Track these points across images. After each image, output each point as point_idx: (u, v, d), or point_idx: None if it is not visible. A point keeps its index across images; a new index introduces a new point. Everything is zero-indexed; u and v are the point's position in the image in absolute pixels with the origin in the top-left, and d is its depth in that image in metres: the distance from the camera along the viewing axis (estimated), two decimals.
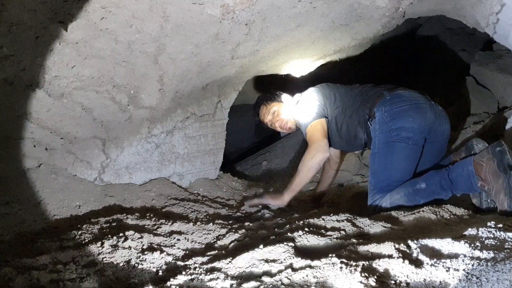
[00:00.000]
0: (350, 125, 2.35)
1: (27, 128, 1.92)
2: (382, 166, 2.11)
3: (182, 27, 1.97)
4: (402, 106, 2.15)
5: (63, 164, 2.16)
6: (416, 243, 1.27)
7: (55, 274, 1.17)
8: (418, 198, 1.97)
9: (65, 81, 1.88)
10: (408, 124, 2.10)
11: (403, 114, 2.13)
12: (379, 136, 2.17)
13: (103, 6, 1.67)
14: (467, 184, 1.94)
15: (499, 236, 1.28)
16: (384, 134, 2.15)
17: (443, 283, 1.03)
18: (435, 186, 1.97)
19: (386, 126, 2.15)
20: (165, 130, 2.56)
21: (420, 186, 1.98)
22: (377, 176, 2.12)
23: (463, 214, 1.79)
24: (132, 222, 1.87)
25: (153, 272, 1.35)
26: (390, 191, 2.04)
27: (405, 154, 2.10)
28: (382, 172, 2.11)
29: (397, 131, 2.11)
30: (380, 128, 2.17)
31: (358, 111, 2.31)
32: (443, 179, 1.97)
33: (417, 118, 2.11)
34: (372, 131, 2.23)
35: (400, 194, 2.01)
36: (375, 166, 2.14)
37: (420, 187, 1.98)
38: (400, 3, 2.31)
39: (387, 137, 2.13)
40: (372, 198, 2.08)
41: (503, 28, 2.06)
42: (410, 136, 2.09)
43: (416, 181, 2.01)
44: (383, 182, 2.08)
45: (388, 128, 2.14)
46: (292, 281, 1.13)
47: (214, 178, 2.91)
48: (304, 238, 1.61)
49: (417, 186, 1.99)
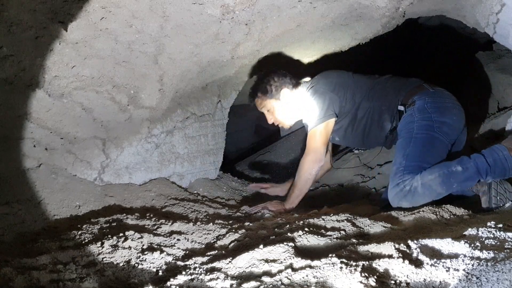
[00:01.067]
0: (376, 113, 2.26)
1: (27, 128, 1.92)
2: (418, 151, 2.03)
3: (182, 27, 1.97)
4: (446, 103, 2.15)
5: (63, 164, 2.16)
6: (416, 243, 1.27)
7: (55, 274, 1.17)
8: (452, 181, 1.90)
9: (65, 81, 1.88)
10: (451, 121, 2.09)
11: (448, 110, 2.12)
12: (419, 122, 2.10)
13: (103, 6, 1.67)
14: (505, 166, 1.92)
15: (499, 236, 1.28)
16: (426, 122, 2.09)
17: (443, 283, 1.03)
18: (472, 170, 1.91)
19: (428, 115, 2.10)
20: (165, 130, 2.56)
21: (456, 168, 1.90)
22: (410, 159, 2.01)
23: (463, 214, 1.79)
24: (132, 222, 1.87)
25: (153, 272, 1.35)
26: (416, 173, 1.95)
27: (442, 149, 2.06)
28: (418, 156, 2.02)
29: (440, 124, 2.07)
30: (421, 115, 2.11)
31: (389, 98, 2.23)
32: (480, 163, 1.91)
33: (458, 118, 2.13)
34: (406, 118, 2.15)
35: (434, 175, 1.91)
36: (410, 149, 2.05)
37: (457, 169, 1.90)
38: (400, 3, 2.31)
39: (429, 126, 2.07)
40: (401, 178, 1.97)
41: (503, 28, 2.06)
42: (449, 133, 2.08)
43: (450, 163, 1.93)
44: (416, 165, 1.98)
45: (431, 118, 2.09)
46: (292, 281, 1.13)
47: (214, 178, 2.91)
48: (304, 238, 1.61)
49: (453, 168, 1.91)
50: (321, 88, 2.31)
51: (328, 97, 2.28)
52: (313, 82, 2.37)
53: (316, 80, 2.37)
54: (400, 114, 2.22)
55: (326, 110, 2.27)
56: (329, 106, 2.27)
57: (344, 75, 2.36)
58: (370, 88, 2.29)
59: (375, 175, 2.98)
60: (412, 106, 2.15)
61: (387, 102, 2.24)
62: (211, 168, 2.89)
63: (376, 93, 2.27)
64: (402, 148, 2.09)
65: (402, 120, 2.18)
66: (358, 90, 2.30)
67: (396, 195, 1.97)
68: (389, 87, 2.27)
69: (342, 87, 2.31)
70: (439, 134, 2.05)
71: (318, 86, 2.33)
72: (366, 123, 2.30)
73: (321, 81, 2.35)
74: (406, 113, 2.17)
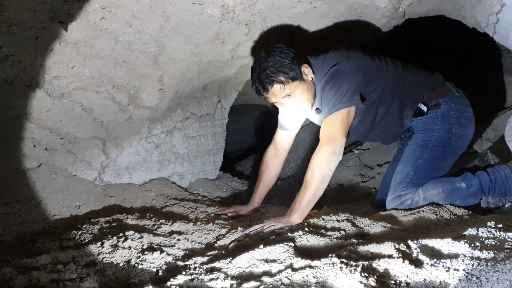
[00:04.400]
0: (398, 107, 2.02)
1: (27, 128, 1.92)
2: (429, 165, 1.95)
3: (182, 27, 1.97)
4: (468, 112, 2.05)
5: (63, 164, 2.16)
6: (416, 243, 1.27)
7: (55, 274, 1.17)
8: (455, 197, 1.88)
9: (65, 81, 1.88)
10: (469, 135, 2.03)
11: (468, 122, 2.03)
12: (439, 131, 1.98)
13: (103, 6, 1.67)
14: (505, 185, 1.92)
15: (499, 236, 1.28)
16: (446, 134, 1.98)
17: (443, 283, 1.03)
18: (476, 187, 1.90)
19: (450, 125, 1.98)
20: (165, 130, 2.56)
21: (460, 184, 1.89)
22: (419, 171, 1.93)
23: (463, 214, 1.79)
24: (132, 222, 1.86)
25: (153, 272, 1.35)
26: (418, 186, 1.91)
27: (451, 163, 2.02)
28: (427, 170, 1.95)
29: (458, 137, 1.99)
30: (443, 124, 1.99)
31: (413, 94, 2.03)
32: (483, 180, 1.91)
33: (473, 131, 2.06)
34: (426, 121, 2.00)
35: (437, 190, 1.88)
36: (422, 161, 1.95)
37: (461, 186, 1.89)
38: (400, 3, 2.31)
39: (448, 139, 1.97)
40: (403, 190, 1.92)
41: (503, 28, 2.05)
42: (463, 147, 2.03)
43: (454, 180, 1.91)
44: (422, 179, 1.92)
45: (451, 129, 1.98)
46: (292, 281, 1.13)
47: (214, 178, 2.91)
48: (304, 238, 1.61)
49: (457, 185, 1.89)
50: (348, 68, 1.90)
51: (356, 80, 1.89)
52: (333, 60, 1.94)
53: (338, 58, 1.94)
54: (420, 113, 2.05)
55: (353, 94, 1.86)
56: (356, 90, 1.88)
57: (369, 58, 2.00)
58: (396, 78, 2.01)
59: (375, 175, 2.98)
60: (435, 109, 2.01)
61: (412, 98, 2.03)
62: (211, 168, 2.89)
63: (401, 85, 2.01)
64: (414, 157, 1.97)
65: (422, 122, 2.03)
66: (384, 78, 1.98)
67: (396, 207, 1.92)
68: (414, 81, 2.04)
69: (369, 71, 1.96)
70: (454, 147, 1.99)
71: (343, 66, 1.90)
72: (386, 116, 2.04)
73: (347, 62, 1.92)
74: (428, 115, 2.01)
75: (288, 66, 1.83)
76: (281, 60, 1.84)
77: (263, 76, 1.83)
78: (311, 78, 1.93)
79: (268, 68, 1.83)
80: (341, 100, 1.85)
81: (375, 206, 2.16)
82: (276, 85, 1.83)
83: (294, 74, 1.84)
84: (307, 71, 1.92)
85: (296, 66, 1.85)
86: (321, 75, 1.94)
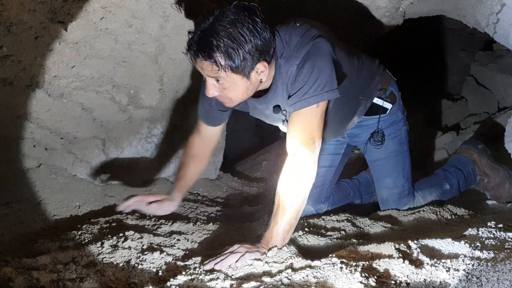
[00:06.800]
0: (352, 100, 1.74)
1: (27, 128, 1.92)
2: (410, 165, 1.98)
3: (182, 27, 1.98)
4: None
5: (63, 164, 2.16)
6: (416, 243, 1.27)
7: (55, 274, 1.17)
8: (444, 198, 2.05)
9: (65, 81, 1.88)
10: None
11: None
12: (404, 129, 1.92)
13: (103, 6, 1.67)
14: (473, 179, 2.13)
15: (499, 236, 1.28)
16: (405, 126, 1.93)
17: (443, 283, 1.03)
18: (455, 187, 2.07)
19: (403, 115, 1.93)
20: (165, 130, 2.56)
21: (446, 187, 2.05)
22: (409, 178, 1.97)
23: (463, 214, 1.79)
24: (132, 222, 1.86)
25: (153, 272, 1.35)
26: (413, 193, 2.00)
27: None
28: (411, 172, 1.99)
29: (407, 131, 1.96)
30: (403, 116, 1.91)
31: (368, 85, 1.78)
32: (461, 179, 2.08)
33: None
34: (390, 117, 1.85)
35: (433, 195, 2.02)
36: (407, 166, 1.95)
37: (447, 188, 2.05)
38: (400, 3, 2.31)
39: (407, 130, 1.95)
40: (406, 203, 1.96)
41: (503, 28, 2.05)
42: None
43: (441, 182, 2.06)
44: (410, 184, 1.99)
45: (405, 119, 1.94)
46: (292, 281, 1.13)
47: (214, 178, 2.91)
48: (304, 238, 1.61)
49: (444, 187, 2.04)
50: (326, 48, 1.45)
51: (330, 67, 1.45)
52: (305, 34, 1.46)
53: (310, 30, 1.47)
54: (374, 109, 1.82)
55: (330, 83, 1.43)
56: (332, 78, 1.45)
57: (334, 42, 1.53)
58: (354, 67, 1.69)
59: None
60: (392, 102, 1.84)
61: (367, 91, 1.78)
62: (211, 168, 2.89)
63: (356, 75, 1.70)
64: (401, 166, 1.93)
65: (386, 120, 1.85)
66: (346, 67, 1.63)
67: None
68: (367, 70, 1.76)
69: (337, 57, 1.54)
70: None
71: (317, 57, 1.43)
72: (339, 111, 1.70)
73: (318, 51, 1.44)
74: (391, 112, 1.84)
75: (240, 53, 1.33)
76: (239, 39, 1.32)
77: (203, 40, 1.33)
78: (261, 80, 1.45)
79: (215, 36, 1.31)
80: (315, 91, 1.42)
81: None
82: (207, 62, 1.34)
83: (241, 67, 1.35)
84: (262, 70, 1.42)
85: (251, 57, 1.35)
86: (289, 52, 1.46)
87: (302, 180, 1.41)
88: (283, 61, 1.47)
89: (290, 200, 1.39)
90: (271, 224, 1.41)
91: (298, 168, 1.41)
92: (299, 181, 1.41)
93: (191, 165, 1.78)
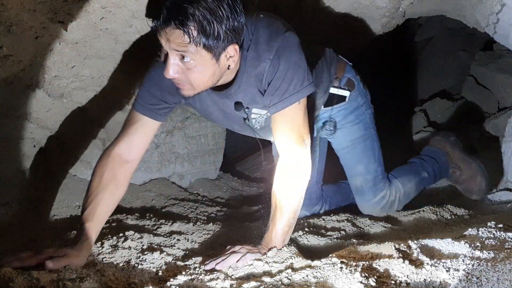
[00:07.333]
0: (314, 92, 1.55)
1: (27, 128, 1.92)
2: (381, 150, 1.90)
3: None
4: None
5: (63, 164, 2.16)
6: (416, 243, 1.27)
7: (55, 274, 1.17)
8: (422, 186, 2.06)
9: (65, 81, 1.88)
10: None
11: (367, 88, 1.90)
12: (368, 112, 1.84)
13: (103, 6, 1.67)
14: (446, 171, 2.16)
15: (499, 236, 1.28)
16: (370, 110, 1.85)
17: (443, 283, 1.03)
18: (432, 175, 2.09)
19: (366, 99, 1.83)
20: (164, 130, 2.56)
21: (424, 174, 2.05)
22: (381, 162, 1.89)
23: (463, 214, 1.79)
24: (132, 222, 1.87)
25: (153, 272, 1.35)
26: (388, 178, 1.95)
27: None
28: (383, 156, 1.90)
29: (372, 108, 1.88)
30: (364, 100, 1.82)
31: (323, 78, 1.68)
32: (436, 169, 2.09)
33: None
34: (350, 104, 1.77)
35: (411, 183, 2.00)
36: (377, 151, 1.87)
37: (425, 176, 2.05)
38: (400, 3, 2.31)
39: (373, 114, 1.87)
40: (383, 189, 1.88)
41: (503, 28, 2.05)
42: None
43: (418, 170, 2.05)
44: (383, 168, 1.92)
45: (369, 103, 1.86)
46: (292, 281, 1.13)
47: (214, 178, 2.91)
48: (304, 238, 1.61)
49: (422, 175, 2.04)
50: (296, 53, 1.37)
51: (304, 61, 1.39)
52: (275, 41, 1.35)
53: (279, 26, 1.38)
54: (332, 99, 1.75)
55: (307, 78, 1.39)
56: (308, 72, 1.40)
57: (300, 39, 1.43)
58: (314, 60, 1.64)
59: None
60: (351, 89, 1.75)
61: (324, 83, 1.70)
62: (211, 168, 2.89)
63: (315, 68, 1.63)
64: (370, 151, 1.84)
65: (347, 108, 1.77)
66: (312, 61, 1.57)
67: (383, 207, 1.93)
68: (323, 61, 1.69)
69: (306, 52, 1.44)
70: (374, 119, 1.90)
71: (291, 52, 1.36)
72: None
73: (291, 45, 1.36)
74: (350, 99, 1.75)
75: (215, 28, 1.20)
76: (217, 13, 1.20)
77: (177, 7, 1.19)
78: (229, 66, 1.33)
79: (192, 4, 1.18)
80: (302, 84, 1.36)
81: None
82: (178, 31, 1.19)
83: (213, 44, 1.22)
84: (232, 54, 1.30)
85: (225, 37, 1.23)
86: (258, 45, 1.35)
87: (297, 179, 1.39)
88: (251, 54, 1.36)
89: (286, 200, 1.37)
90: (270, 226, 1.39)
91: (292, 167, 1.39)
92: (294, 180, 1.39)
93: (106, 193, 1.42)
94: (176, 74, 1.27)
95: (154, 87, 1.45)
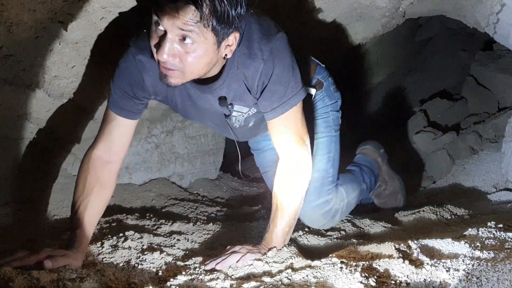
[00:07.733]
0: None
1: (27, 128, 1.92)
2: (339, 154, 1.75)
3: None
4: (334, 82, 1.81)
5: (63, 164, 2.16)
6: (416, 243, 1.27)
7: (55, 274, 1.17)
8: (360, 197, 1.92)
9: (65, 81, 1.88)
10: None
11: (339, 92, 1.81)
12: (333, 114, 1.74)
13: (103, 6, 1.67)
14: (375, 184, 2.04)
15: (499, 236, 1.28)
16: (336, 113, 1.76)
17: (443, 283, 1.03)
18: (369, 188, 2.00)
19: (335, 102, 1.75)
20: (165, 130, 2.56)
21: (363, 186, 1.93)
22: (335, 166, 1.72)
23: (463, 214, 1.79)
24: (132, 222, 1.87)
25: (153, 272, 1.35)
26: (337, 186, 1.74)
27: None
28: (338, 160, 1.75)
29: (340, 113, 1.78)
30: (332, 102, 1.74)
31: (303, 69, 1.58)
32: (372, 181, 1.99)
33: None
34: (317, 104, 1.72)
35: (355, 192, 1.83)
36: (334, 152, 1.71)
37: (364, 188, 1.93)
38: (400, 3, 2.31)
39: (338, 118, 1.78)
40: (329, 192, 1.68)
41: (503, 28, 2.05)
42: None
43: (359, 180, 1.91)
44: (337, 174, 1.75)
45: (337, 107, 1.77)
46: (292, 281, 1.13)
47: (214, 178, 2.91)
48: (304, 238, 1.61)
49: (362, 186, 1.91)
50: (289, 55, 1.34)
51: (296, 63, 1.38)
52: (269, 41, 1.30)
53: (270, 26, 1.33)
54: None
55: (301, 80, 1.39)
56: (300, 74, 1.39)
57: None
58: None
59: None
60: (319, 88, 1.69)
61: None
62: (211, 168, 2.89)
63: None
64: (326, 147, 1.70)
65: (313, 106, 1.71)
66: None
67: (325, 214, 1.67)
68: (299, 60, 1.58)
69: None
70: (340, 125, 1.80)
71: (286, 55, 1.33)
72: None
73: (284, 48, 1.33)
74: (316, 98, 1.70)
75: (226, 11, 1.13)
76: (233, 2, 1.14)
77: None
78: (226, 56, 1.26)
79: None
80: (297, 86, 1.36)
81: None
82: (190, 7, 1.09)
83: (220, 28, 1.15)
84: (231, 43, 1.24)
85: (232, 23, 1.16)
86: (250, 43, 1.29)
87: (298, 179, 1.40)
88: (242, 50, 1.29)
89: (287, 201, 1.39)
90: (270, 226, 1.40)
91: (293, 168, 1.40)
92: (295, 181, 1.40)
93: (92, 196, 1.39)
94: (171, 57, 1.16)
95: (124, 83, 1.39)
